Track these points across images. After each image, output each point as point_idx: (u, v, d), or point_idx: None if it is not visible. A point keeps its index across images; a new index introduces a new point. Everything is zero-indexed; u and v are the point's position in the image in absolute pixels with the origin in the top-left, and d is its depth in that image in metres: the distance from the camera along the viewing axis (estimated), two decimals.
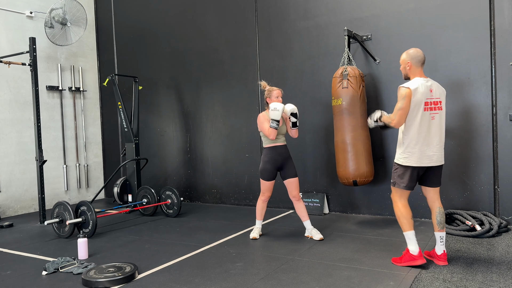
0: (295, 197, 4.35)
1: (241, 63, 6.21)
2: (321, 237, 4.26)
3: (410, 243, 3.37)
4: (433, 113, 3.28)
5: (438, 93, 3.32)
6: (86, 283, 3.22)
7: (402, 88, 3.28)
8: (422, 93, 3.24)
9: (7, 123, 6.30)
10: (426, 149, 3.29)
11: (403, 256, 3.44)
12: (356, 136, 4.69)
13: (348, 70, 4.72)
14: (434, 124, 3.29)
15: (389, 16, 5.09)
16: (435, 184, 3.43)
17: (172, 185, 6.90)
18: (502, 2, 4.51)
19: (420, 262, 3.32)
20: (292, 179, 4.33)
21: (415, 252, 3.34)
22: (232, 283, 3.19)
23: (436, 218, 3.42)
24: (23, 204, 6.47)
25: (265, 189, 4.39)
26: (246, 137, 6.22)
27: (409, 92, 3.23)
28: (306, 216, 4.38)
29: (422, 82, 3.28)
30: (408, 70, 3.39)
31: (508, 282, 3.00)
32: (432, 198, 3.46)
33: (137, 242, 4.47)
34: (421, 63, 3.35)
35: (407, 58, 3.37)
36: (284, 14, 5.81)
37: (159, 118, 7.07)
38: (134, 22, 7.27)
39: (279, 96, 4.30)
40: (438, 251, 3.42)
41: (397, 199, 3.46)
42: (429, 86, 3.29)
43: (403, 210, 3.41)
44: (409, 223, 3.38)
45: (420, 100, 3.24)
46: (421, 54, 3.35)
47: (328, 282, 3.15)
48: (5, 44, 6.31)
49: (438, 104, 3.30)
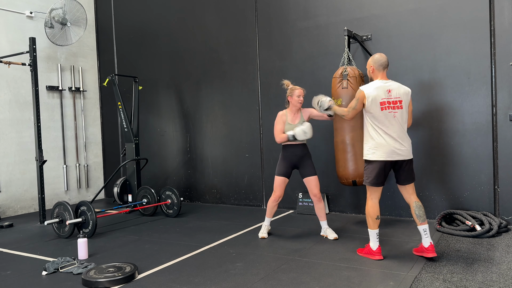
0: (316, 196, 4.31)
1: (241, 63, 6.21)
2: (336, 237, 4.27)
3: (371, 240, 3.63)
4: (393, 111, 3.50)
5: (397, 93, 3.54)
6: (86, 283, 3.22)
7: (359, 89, 3.60)
8: (377, 94, 3.49)
9: (7, 123, 6.30)
10: (390, 145, 3.48)
11: (365, 248, 3.73)
12: (356, 137, 4.69)
13: (348, 70, 4.71)
14: (395, 121, 3.51)
15: (389, 16, 5.09)
16: (408, 181, 3.59)
17: (172, 185, 6.90)
18: (502, 2, 4.51)
19: (377, 258, 3.59)
20: (310, 177, 4.29)
21: (374, 248, 3.61)
22: (232, 283, 3.19)
23: (415, 213, 3.56)
24: (23, 204, 6.47)
25: (276, 185, 4.36)
26: (246, 137, 6.22)
27: (362, 94, 3.54)
28: (324, 217, 4.38)
29: (379, 85, 3.54)
30: (371, 73, 3.67)
31: (508, 282, 3.00)
32: (407, 194, 3.62)
33: (137, 242, 4.47)
34: (383, 67, 3.60)
35: (371, 62, 3.65)
36: (284, 14, 5.81)
37: (159, 118, 7.07)
38: (134, 22, 7.27)
39: (300, 96, 4.27)
40: (425, 244, 3.52)
41: (368, 197, 3.64)
42: (387, 87, 3.54)
43: (370, 210, 3.59)
44: (373, 223, 3.59)
45: (375, 100, 3.49)
46: (384, 58, 3.61)
47: (328, 282, 3.15)
48: (5, 44, 6.31)
49: (397, 103, 3.52)
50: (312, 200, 4.39)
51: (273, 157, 5.97)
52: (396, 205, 5.15)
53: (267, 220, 4.54)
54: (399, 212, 5.14)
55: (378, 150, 3.50)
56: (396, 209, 5.15)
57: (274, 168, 5.97)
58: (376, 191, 3.61)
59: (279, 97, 5.90)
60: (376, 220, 3.58)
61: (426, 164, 4.94)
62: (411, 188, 3.61)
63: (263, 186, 6.10)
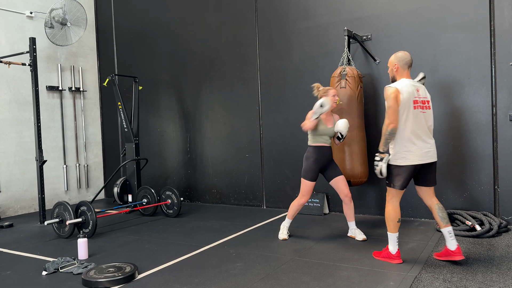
0: (347, 196, 4.21)
1: (241, 63, 6.21)
2: (364, 238, 4.19)
3: (390, 243, 3.51)
4: (423, 111, 3.37)
5: (424, 93, 3.44)
6: (86, 283, 3.22)
7: (389, 88, 3.37)
8: (409, 92, 3.32)
9: (7, 123, 6.30)
10: (423, 146, 3.35)
11: (382, 251, 3.61)
12: (352, 137, 4.69)
13: (346, 70, 4.72)
14: (425, 122, 3.38)
15: (389, 16, 5.09)
16: (431, 183, 3.48)
17: (172, 185, 6.90)
18: (502, 2, 4.51)
19: (396, 262, 3.47)
20: (339, 176, 4.22)
21: (393, 251, 3.49)
22: (232, 283, 3.20)
23: (438, 215, 3.43)
24: (23, 204, 6.47)
25: (306, 190, 4.21)
26: (246, 137, 6.22)
27: (395, 91, 3.32)
28: (352, 217, 4.29)
29: (408, 83, 3.38)
30: (395, 72, 3.50)
31: (508, 282, 3.00)
32: (428, 197, 3.50)
33: (137, 242, 4.47)
34: (408, 66, 3.45)
35: (394, 60, 3.48)
36: (284, 14, 5.81)
37: (159, 118, 7.07)
38: (134, 22, 7.27)
39: (335, 95, 4.20)
40: (451, 247, 3.38)
41: (389, 199, 3.49)
42: (415, 86, 3.41)
43: (392, 213, 3.46)
44: (394, 226, 3.46)
45: (408, 99, 3.32)
46: (409, 57, 3.46)
47: (328, 282, 3.15)
48: (5, 44, 6.31)
49: (425, 103, 3.41)
50: (343, 201, 4.25)
51: (273, 157, 5.98)
52: None
53: (287, 221, 4.45)
54: None
55: (410, 154, 3.33)
56: None
57: (274, 168, 5.97)
58: (400, 193, 3.46)
59: (279, 97, 5.90)
60: (397, 223, 3.45)
61: None
62: (432, 191, 3.49)
63: (263, 186, 6.10)
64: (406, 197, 5.06)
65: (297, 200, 4.34)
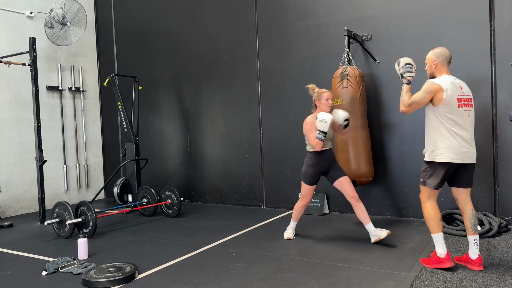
0: (353, 198, 4.07)
1: (241, 63, 6.21)
2: (388, 232, 3.97)
3: (437, 246, 3.30)
4: (467, 109, 3.24)
5: (467, 90, 3.31)
6: (86, 283, 3.22)
7: (431, 82, 3.25)
8: (453, 90, 3.21)
9: (7, 123, 6.30)
10: (462, 146, 3.21)
11: (431, 258, 3.38)
12: (356, 136, 4.69)
13: (348, 70, 4.72)
14: (468, 121, 3.25)
15: (389, 16, 5.09)
16: (467, 185, 3.32)
17: (172, 185, 6.90)
18: (502, 2, 4.51)
19: (448, 265, 3.25)
20: (342, 177, 4.11)
21: (442, 254, 3.27)
22: (232, 283, 3.20)
23: (469, 221, 3.27)
24: (23, 204, 6.47)
25: (305, 193, 4.22)
26: (246, 137, 6.22)
27: (437, 88, 3.20)
28: (367, 219, 4.05)
29: (451, 80, 3.26)
30: (434, 68, 3.37)
31: (508, 282, 3.00)
32: (464, 200, 3.34)
33: (137, 242, 4.47)
34: (447, 62, 3.34)
35: (433, 56, 3.36)
36: (284, 14, 5.81)
37: (159, 118, 7.07)
38: (134, 22, 7.27)
39: (329, 99, 4.06)
40: (472, 256, 3.27)
41: (425, 200, 3.36)
42: (458, 84, 3.28)
43: (432, 212, 3.31)
44: (437, 225, 3.29)
45: (452, 97, 3.20)
46: (448, 52, 3.35)
47: (328, 282, 3.15)
48: (5, 44, 6.31)
49: (469, 101, 3.28)
50: (350, 203, 4.12)
51: (273, 157, 5.98)
52: (396, 205, 5.15)
53: (293, 224, 4.44)
54: (399, 212, 5.14)
55: (448, 152, 3.19)
56: (396, 209, 5.15)
57: (274, 168, 5.97)
58: (436, 193, 3.33)
59: (279, 97, 5.90)
60: (440, 222, 3.28)
61: None
62: (467, 194, 3.33)
63: (263, 186, 6.10)
64: (406, 197, 5.06)
65: (298, 202, 4.36)
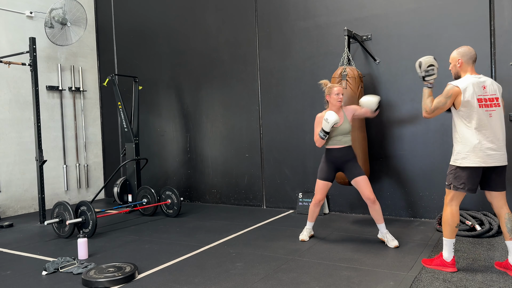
0: (369, 199, 3.97)
1: (241, 63, 6.21)
2: (396, 245, 3.92)
3: (445, 250, 3.28)
4: (490, 110, 3.12)
5: (492, 89, 3.18)
6: (86, 283, 3.22)
7: (451, 85, 3.18)
8: (474, 91, 3.12)
9: (7, 123, 6.30)
10: (487, 149, 3.09)
11: (434, 259, 3.37)
12: (354, 137, 4.69)
13: (347, 71, 4.71)
14: (492, 122, 3.13)
15: (389, 16, 5.09)
16: (500, 188, 3.19)
17: (172, 185, 6.90)
18: (502, 2, 4.51)
19: (451, 270, 3.25)
20: (358, 177, 4.00)
21: (448, 259, 3.26)
22: (232, 283, 3.20)
23: (506, 226, 3.14)
24: (23, 204, 6.47)
25: (317, 189, 4.16)
26: (246, 137, 6.22)
27: (457, 91, 3.13)
28: (381, 219, 4.03)
29: (473, 80, 3.16)
30: (459, 68, 3.28)
31: (508, 282, 3.00)
32: (498, 204, 3.21)
33: (137, 242, 4.47)
34: (472, 60, 3.24)
35: (457, 55, 3.28)
36: (284, 14, 5.81)
37: (159, 118, 7.07)
38: (134, 22, 7.27)
39: (339, 93, 4.01)
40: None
41: (448, 202, 3.28)
42: (481, 83, 3.17)
43: (450, 217, 3.23)
44: (451, 231, 3.23)
45: (471, 98, 3.11)
46: (473, 51, 3.26)
47: (328, 282, 3.15)
48: (5, 44, 6.31)
49: (494, 100, 3.15)
50: (367, 204, 4.03)
51: (273, 157, 5.98)
52: (396, 205, 5.15)
53: (309, 224, 4.37)
54: (399, 212, 5.14)
55: (472, 155, 3.10)
56: (396, 209, 5.15)
57: (274, 168, 5.97)
58: (461, 196, 3.23)
59: (279, 97, 5.90)
60: (456, 228, 3.22)
61: (426, 164, 4.93)
62: (502, 197, 3.19)
63: (263, 186, 6.10)
64: (406, 197, 5.06)
65: (312, 201, 4.29)
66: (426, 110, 3.28)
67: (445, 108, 3.21)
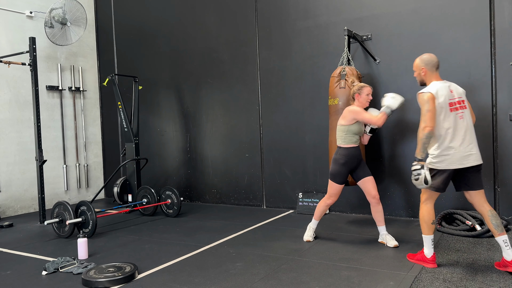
0: (374, 198, 4.01)
1: (241, 63, 6.21)
2: (396, 244, 3.95)
3: (425, 246, 3.39)
4: (459, 112, 3.24)
5: (458, 92, 3.31)
6: (86, 283, 3.22)
7: (423, 94, 3.25)
8: (444, 95, 3.22)
9: (7, 123, 6.30)
10: (463, 150, 3.21)
11: (417, 254, 3.50)
12: None
13: (346, 70, 4.71)
14: (463, 124, 3.24)
15: (389, 16, 5.09)
16: (477, 187, 3.27)
17: (172, 185, 6.90)
18: (502, 2, 4.51)
19: (431, 266, 3.36)
20: (368, 177, 4.05)
21: (429, 255, 3.37)
22: (232, 283, 3.20)
23: (491, 222, 3.20)
24: (23, 204, 6.47)
25: (334, 192, 4.10)
26: (246, 137, 6.22)
27: (431, 96, 3.20)
28: (382, 221, 4.07)
29: (441, 85, 3.27)
30: (423, 76, 3.38)
31: (508, 282, 3.00)
32: (479, 203, 3.29)
33: (137, 242, 4.47)
34: (435, 68, 3.35)
35: (421, 63, 3.37)
36: (284, 14, 5.81)
37: (159, 118, 7.07)
38: (134, 22, 7.27)
39: (369, 94, 4.00)
40: (507, 257, 3.14)
41: (423, 200, 3.39)
42: (448, 87, 3.29)
43: (425, 215, 3.35)
44: (428, 228, 3.34)
45: (444, 102, 3.22)
46: (435, 58, 3.36)
47: (328, 282, 3.15)
48: (5, 44, 6.30)
49: (461, 103, 3.28)
50: (370, 203, 4.06)
51: (273, 157, 5.98)
52: (396, 205, 5.15)
53: (314, 223, 4.32)
54: (399, 212, 5.14)
55: (447, 158, 3.20)
56: (396, 209, 5.15)
57: (274, 168, 5.97)
58: (435, 195, 3.35)
59: (279, 97, 5.90)
60: (432, 225, 3.33)
61: None
62: (481, 196, 3.27)
63: (263, 186, 6.10)
64: (406, 197, 5.06)
65: (323, 200, 4.20)
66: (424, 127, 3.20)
67: (434, 111, 3.19)
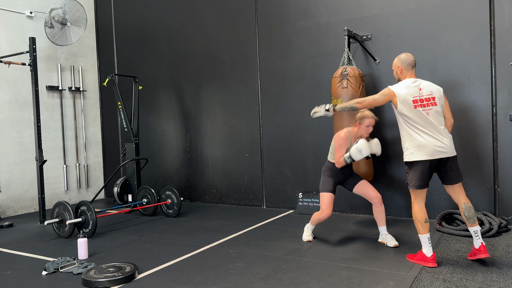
0: (377, 198, 4.01)
1: (241, 63, 6.21)
2: (396, 244, 3.94)
3: (423, 246, 3.42)
4: (426, 109, 3.38)
5: (428, 90, 3.44)
6: (86, 283, 3.22)
7: (388, 88, 3.50)
8: (408, 93, 3.40)
9: (7, 123, 6.30)
10: (434, 142, 3.33)
11: (417, 254, 3.51)
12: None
13: (348, 70, 4.71)
14: (430, 120, 3.37)
15: (389, 16, 5.09)
16: (455, 180, 3.42)
17: (172, 185, 6.90)
18: (502, 2, 4.51)
19: (431, 265, 3.37)
20: (361, 181, 4.09)
21: (428, 254, 3.39)
22: (232, 283, 3.20)
23: (464, 215, 3.40)
24: (23, 204, 6.47)
25: (325, 204, 4.01)
26: (246, 137, 6.22)
27: (391, 93, 3.44)
28: (383, 222, 4.07)
29: (408, 84, 3.46)
30: (400, 74, 3.59)
31: (508, 282, 3.00)
32: (456, 195, 3.46)
33: (137, 242, 4.47)
34: (411, 66, 3.53)
35: (398, 63, 3.58)
36: (284, 14, 5.81)
37: (159, 118, 7.07)
38: (134, 22, 7.27)
39: (370, 125, 3.89)
40: (476, 245, 3.37)
41: (413, 201, 3.48)
42: (417, 86, 3.45)
43: (417, 214, 3.43)
44: (422, 227, 3.40)
45: (407, 100, 3.39)
46: (411, 58, 3.54)
47: (328, 282, 3.15)
48: (5, 44, 6.30)
49: (430, 100, 3.41)
50: (373, 203, 4.04)
51: (273, 157, 5.98)
52: (396, 205, 5.15)
53: (311, 226, 4.32)
54: (399, 212, 5.14)
55: (419, 150, 3.33)
56: (396, 209, 5.15)
57: (274, 168, 5.97)
58: (421, 193, 3.43)
59: (279, 97, 5.90)
60: (425, 223, 3.39)
61: None
62: (459, 188, 3.44)
63: (263, 186, 6.10)
64: (406, 197, 5.06)
65: (317, 214, 4.13)
66: (358, 103, 3.58)
67: (378, 101, 3.50)
